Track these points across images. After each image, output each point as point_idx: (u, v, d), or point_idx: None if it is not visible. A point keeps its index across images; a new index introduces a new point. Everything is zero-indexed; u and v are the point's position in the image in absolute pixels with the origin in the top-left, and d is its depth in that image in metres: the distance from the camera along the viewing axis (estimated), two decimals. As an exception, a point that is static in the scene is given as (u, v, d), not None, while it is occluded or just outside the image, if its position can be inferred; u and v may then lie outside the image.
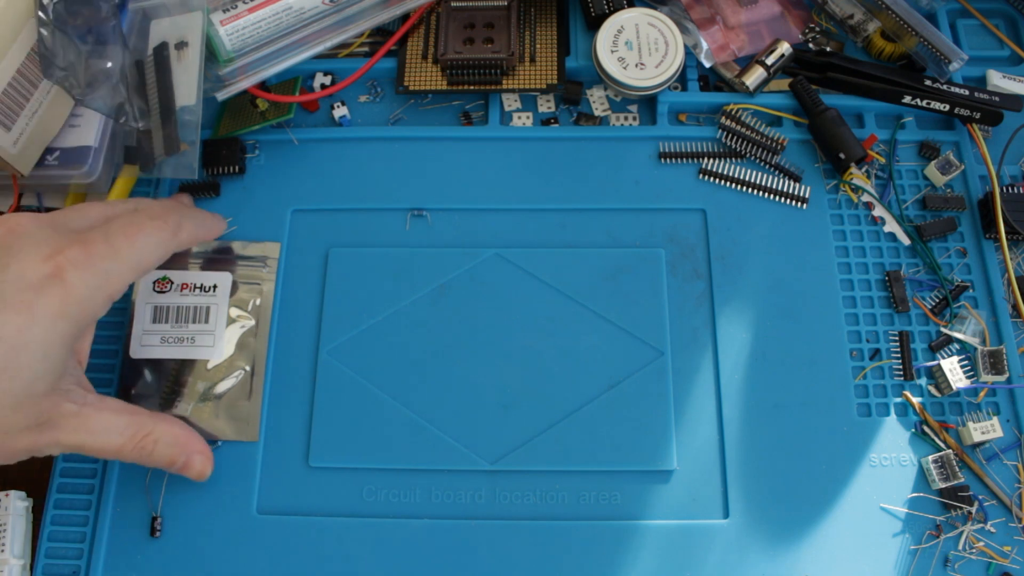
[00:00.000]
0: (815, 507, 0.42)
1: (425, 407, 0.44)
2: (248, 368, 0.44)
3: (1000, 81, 0.51)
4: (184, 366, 0.44)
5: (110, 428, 0.37)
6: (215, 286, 0.46)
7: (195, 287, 0.46)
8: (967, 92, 0.49)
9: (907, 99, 0.49)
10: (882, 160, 0.49)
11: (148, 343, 0.45)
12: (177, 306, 0.45)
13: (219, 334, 0.45)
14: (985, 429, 0.42)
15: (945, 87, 0.49)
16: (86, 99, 0.45)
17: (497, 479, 0.42)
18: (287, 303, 0.46)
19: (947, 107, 0.49)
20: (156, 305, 0.45)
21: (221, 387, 0.44)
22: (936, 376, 0.44)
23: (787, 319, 0.45)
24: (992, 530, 0.41)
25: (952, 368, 0.44)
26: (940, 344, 0.45)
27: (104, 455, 0.38)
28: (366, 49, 0.53)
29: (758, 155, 0.49)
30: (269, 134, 0.50)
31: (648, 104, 0.51)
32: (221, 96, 0.49)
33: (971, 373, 0.44)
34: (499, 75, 0.50)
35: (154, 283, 0.46)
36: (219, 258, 0.47)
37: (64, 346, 0.35)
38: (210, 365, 0.44)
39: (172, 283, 0.46)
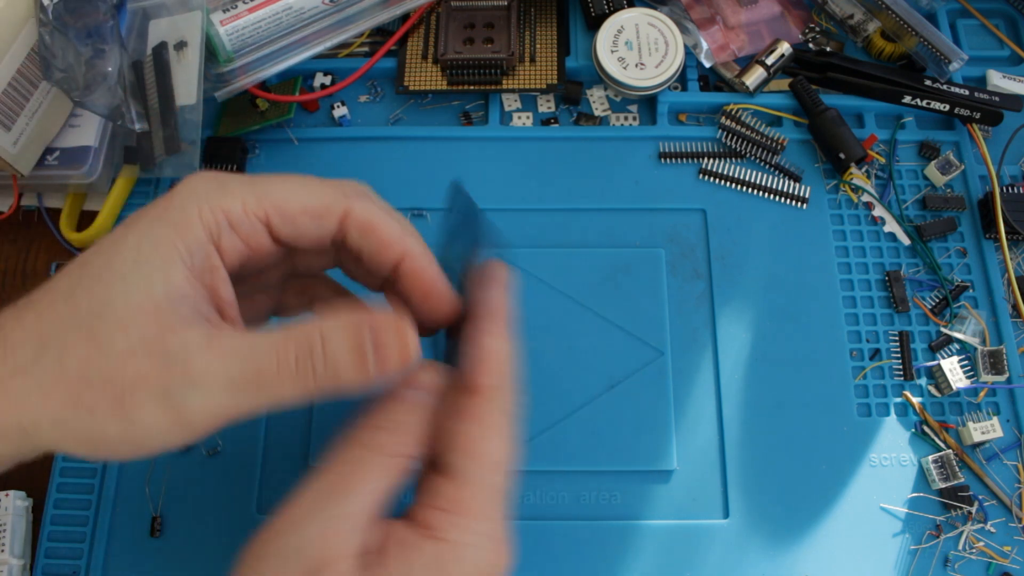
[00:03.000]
0: (815, 507, 0.42)
1: (425, 407, 0.44)
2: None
3: (1000, 81, 0.51)
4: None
5: (256, 345, 0.29)
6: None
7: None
8: (967, 92, 0.49)
9: (907, 99, 0.49)
10: (882, 160, 0.49)
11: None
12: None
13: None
14: (985, 429, 0.42)
15: (945, 87, 0.49)
16: (84, 101, 0.45)
17: (497, 479, 0.42)
18: (287, 303, 0.46)
19: (947, 107, 0.49)
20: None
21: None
22: (936, 376, 0.44)
23: (787, 319, 0.45)
24: (992, 530, 0.41)
25: (952, 368, 0.44)
26: (940, 344, 0.45)
27: (263, 386, 0.29)
28: (366, 49, 0.53)
29: (758, 155, 0.49)
30: (269, 134, 0.50)
31: (648, 104, 0.51)
32: (221, 96, 0.49)
33: (971, 373, 0.44)
34: (499, 75, 0.50)
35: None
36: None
37: (175, 260, 0.30)
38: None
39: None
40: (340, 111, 0.51)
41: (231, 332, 0.30)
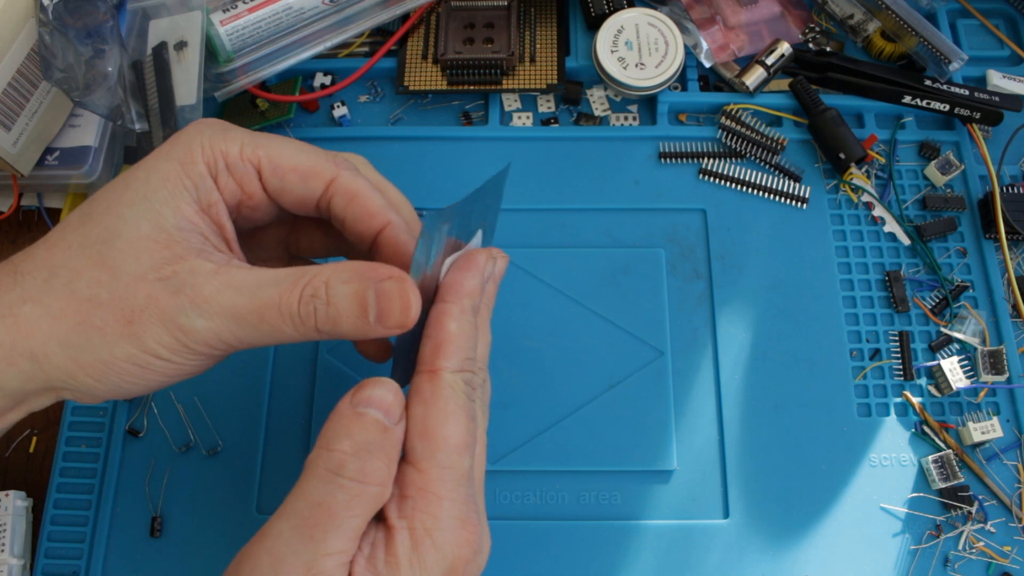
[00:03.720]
0: (815, 507, 0.42)
1: (425, 407, 0.44)
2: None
3: (1000, 81, 0.51)
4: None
5: (263, 279, 0.30)
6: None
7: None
8: (967, 92, 0.49)
9: (907, 99, 0.49)
10: (882, 160, 0.49)
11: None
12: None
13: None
14: (985, 429, 0.42)
15: (945, 87, 0.49)
16: (84, 101, 0.45)
17: (497, 479, 0.42)
18: (287, 303, 0.46)
19: (947, 107, 0.49)
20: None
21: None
22: (936, 376, 0.44)
23: (787, 319, 0.45)
24: (992, 530, 0.41)
25: (952, 368, 0.44)
26: (940, 344, 0.45)
27: (266, 320, 0.30)
28: (366, 49, 0.53)
29: (758, 155, 0.49)
30: (269, 134, 0.50)
31: (648, 104, 0.51)
32: (221, 96, 0.49)
33: (971, 373, 0.44)
34: (499, 75, 0.50)
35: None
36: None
37: (181, 190, 0.31)
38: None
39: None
40: (340, 111, 0.51)
41: (239, 264, 0.31)
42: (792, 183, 0.48)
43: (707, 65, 0.51)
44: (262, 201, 0.34)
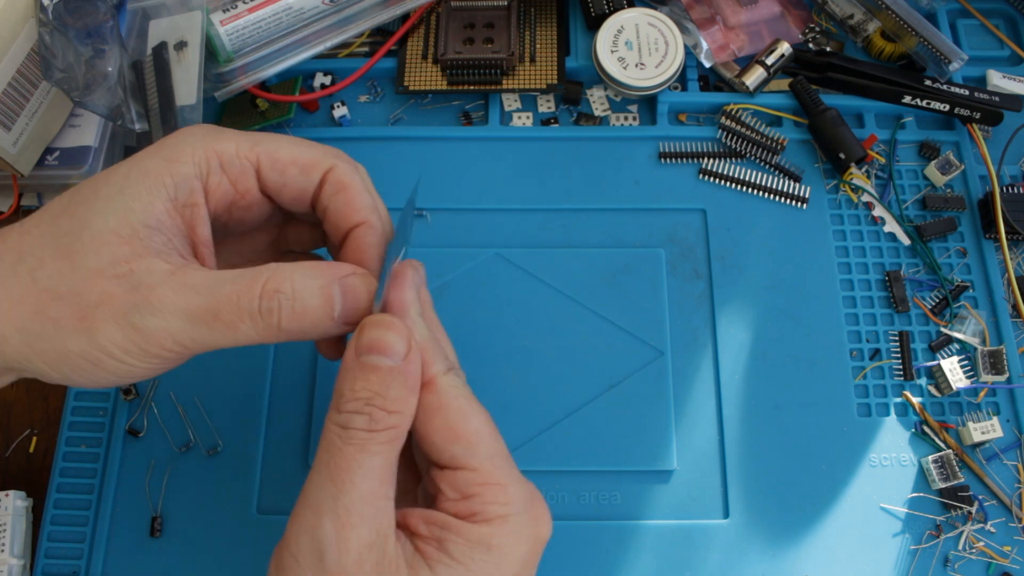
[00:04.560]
0: (815, 507, 0.42)
1: (425, 407, 0.44)
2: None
3: (1000, 81, 0.51)
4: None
5: (218, 278, 0.30)
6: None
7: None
8: (967, 92, 0.49)
9: (907, 99, 0.49)
10: (882, 160, 0.49)
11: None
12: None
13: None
14: (985, 429, 0.42)
15: (945, 87, 0.49)
16: (84, 101, 0.45)
17: (497, 479, 0.42)
18: (287, 303, 0.46)
19: (947, 107, 0.49)
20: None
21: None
22: (936, 376, 0.44)
23: (787, 319, 0.45)
24: (992, 530, 0.41)
25: (952, 368, 0.44)
26: (940, 344, 0.45)
27: (221, 317, 0.29)
28: (366, 49, 0.53)
29: (758, 155, 0.49)
30: (269, 134, 0.50)
31: (648, 104, 0.51)
32: (221, 96, 0.49)
33: (971, 373, 0.44)
34: (499, 75, 0.50)
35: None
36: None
37: (151, 191, 0.31)
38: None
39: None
40: (340, 111, 0.51)
41: (197, 267, 0.31)
42: (792, 183, 0.48)
43: (707, 65, 0.51)
44: (255, 200, 0.34)
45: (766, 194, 0.48)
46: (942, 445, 0.43)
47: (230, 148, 0.32)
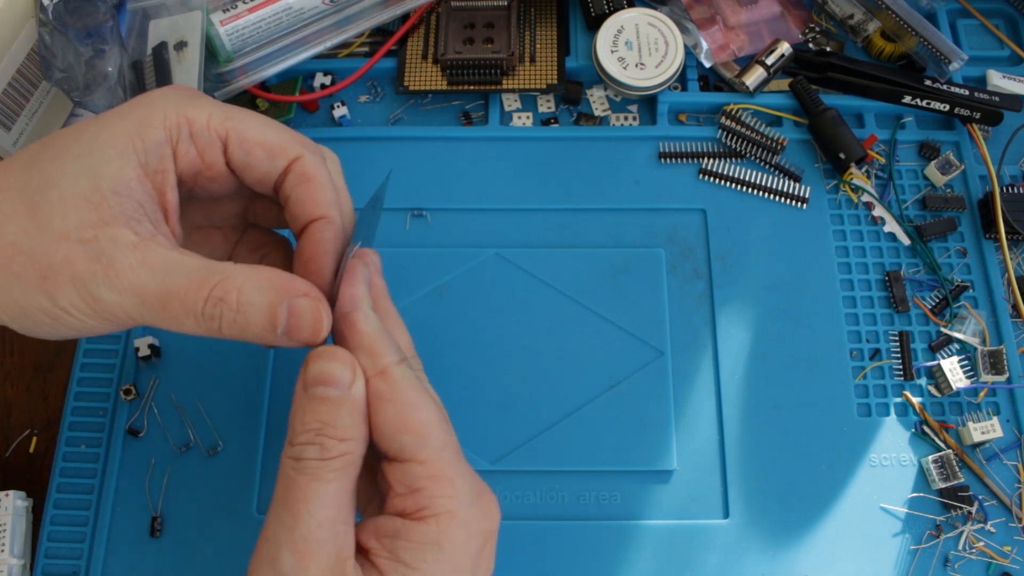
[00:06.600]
0: (815, 507, 0.42)
1: (425, 407, 0.44)
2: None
3: (1000, 81, 0.51)
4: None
5: (176, 266, 0.30)
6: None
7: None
8: (967, 92, 0.49)
9: (907, 99, 0.49)
10: (882, 160, 0.49)
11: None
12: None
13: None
14: (985, 429, 0.42)
15: (945, 87, 0.49)
16: (84, 101, 0.45)
17: (497, 479, 0.42)
18: (287, 303, 0.46)
19: (947, 107, 0.49)
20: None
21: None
22: (936, 376, 0.44)
23: (787, 319, 0.45)
24: (992, 530, 0.41)
25: (952, 368, 0.44)
26: (940, 344, 0.45)
27: (168, 309, 0.30)
28: (366, 49, 0.53)
29: (758, 155, 0.49)
30: (269, 134, 0.50)
31: (648, 104, 0.51)
32: (221, 96, 0.49)
33: (971, 373, 0.44)
34: (499, 75, 0.50)
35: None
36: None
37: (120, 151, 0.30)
38: (210, 365, 0.44)
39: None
40: (340, 111, 0.51)
41: (162, 243, 0.30)
42: (792, 183, 0.48)
43: (707, 65, 0.51)
44: (221, 173, 0.33)
45: (766, 194, 0.48)
46: (942, 445, 0.43)
47: (201, 117, 0.32)
